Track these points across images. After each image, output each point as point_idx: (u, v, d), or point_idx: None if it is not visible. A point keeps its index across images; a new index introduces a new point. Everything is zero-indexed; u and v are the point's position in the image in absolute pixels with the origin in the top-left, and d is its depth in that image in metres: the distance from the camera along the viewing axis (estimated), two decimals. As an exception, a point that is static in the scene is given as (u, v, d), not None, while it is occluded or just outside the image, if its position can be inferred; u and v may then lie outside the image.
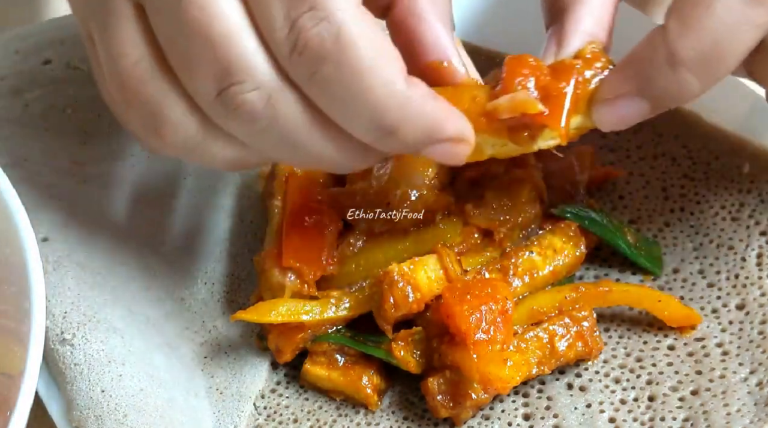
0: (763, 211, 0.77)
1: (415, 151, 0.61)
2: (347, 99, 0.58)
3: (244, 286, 0.78)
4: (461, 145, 0.61)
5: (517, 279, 0.72)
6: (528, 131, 0.64)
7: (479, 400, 0.69)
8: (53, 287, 0.72)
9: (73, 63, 0.85)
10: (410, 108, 0.59)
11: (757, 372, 0.70)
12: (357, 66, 0.58)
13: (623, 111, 0.65)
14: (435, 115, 0.60)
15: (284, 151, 0.61)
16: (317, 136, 0.60)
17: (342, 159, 0.62)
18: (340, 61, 0.58)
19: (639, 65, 0.64)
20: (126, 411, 0.68)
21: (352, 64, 0.57)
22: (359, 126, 0.60)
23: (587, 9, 0.67)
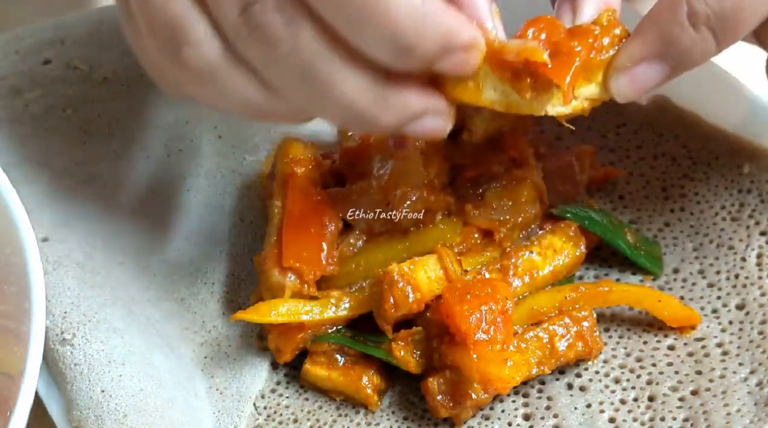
0: (763, 210, 0.77)
1: (430, 64, 0.61)
2: (365, 20, 0.58)
3: (244, 286, 0.78)
4: (473, 51, 0.61)
5: (517, 279, 0.72)
6: (532, 81, 0.63)
7: (479, 400, 0.69)
8: (53, 287, 0.72)
9: (73, 63, 0.85)
10: (427, 23, 0.59)
11: (757, 372, 0.70)
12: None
13: (643, 77, 0.64)
14: (450, 26, 0.60)
15: (304, 87, 0.61)
16: (337, 67, 0.60)
17: (363, 100, 0.61)
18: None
19: (659, 27, 0.63)
20: (126, 411, 0.68)
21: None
22: (378, 47, 0.59)
23: None
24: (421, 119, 0.63)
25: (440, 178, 0.74)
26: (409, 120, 0.63)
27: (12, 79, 0.85)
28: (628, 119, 0.84)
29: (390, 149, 0.74)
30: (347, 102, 0.61)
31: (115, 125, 0.83)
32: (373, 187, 0.73)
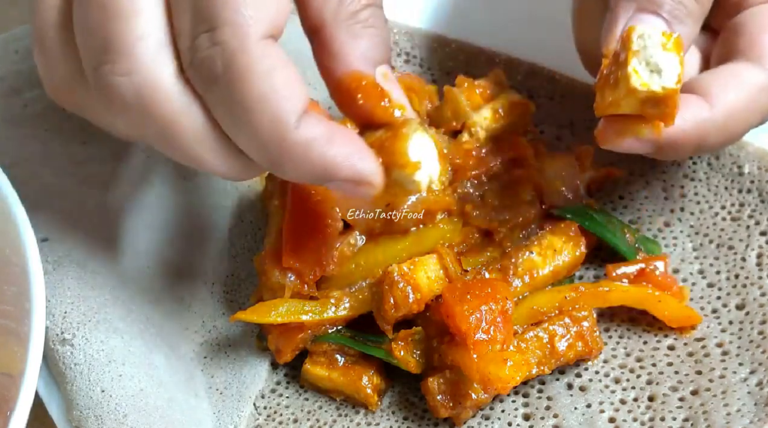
0: (763, 211, 0.77)
1: (313, 183, 0.62)
2: (234, 123, 0.58)
3: (244, 286, 0.78)
4: (362, 186, 0.61)
5: (517, 279, 0.72)
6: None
7: (479, 400, 0.69)
8: (53, 287, 0.72)
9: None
10: (295, 151, 0.58)
11: (757, 372, 0.70)
12: (245, 98, 0.57)
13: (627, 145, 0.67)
14: (322, 160, 0.59)
15: (159, 141, 0.61)
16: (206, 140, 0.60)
17: (224, 168, 0.61)
18: (229, 88, 0.57)
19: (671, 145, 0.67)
20: (126, 411, 0.68)
21: (240, 95, 0.57)
22: (247, 148, 0.60)
23: None
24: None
25: (440, 178, 0.74)
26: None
27: (12, 79, 0.85)
28: (628, 119, 0.84)
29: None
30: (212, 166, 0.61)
31: (115, 125, 0.83)
32: (373, 187, 0.73)
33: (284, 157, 0.58)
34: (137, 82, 0.58)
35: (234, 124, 0.59)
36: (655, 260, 0.75)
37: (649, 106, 0.63)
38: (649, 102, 0.63)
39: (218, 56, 0.57)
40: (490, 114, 0.78)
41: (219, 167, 0.61)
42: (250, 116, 0.57)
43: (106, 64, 0.58)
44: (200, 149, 0.60)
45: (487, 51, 0.88)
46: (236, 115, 0.58)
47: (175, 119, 0.59)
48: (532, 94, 0.86)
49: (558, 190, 0.77)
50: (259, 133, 0.58)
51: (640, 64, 0.63)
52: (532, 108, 0.80)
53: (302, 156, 0.58)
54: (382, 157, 0.61)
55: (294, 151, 0.58)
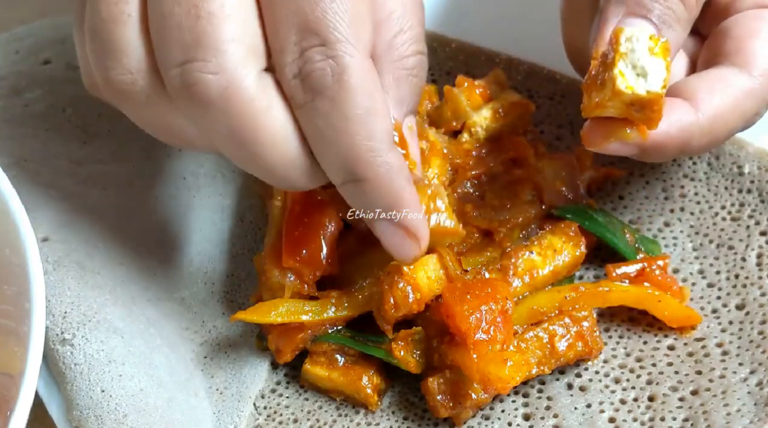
0: (763, 211, 0.77)
1: (369, 216, 0.64)
2: (330, 135, 0.61)
3: (244, 286, 0.78)
4: (411, 241, 0.65)
5: (517, 279, 0.72)
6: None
7: (479, 400, 0.69)
8: (53, 287, 0.72)
9: (73, 63, 0.85)
10: (380, 173, 0.61)
11: (757, 372, 0.70)
12: (349, 110, 0.60)
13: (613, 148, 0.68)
14: (400, 190, 0.62)
15: (232, 144, 0.62)
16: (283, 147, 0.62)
17: (292, 176, 0.63)
18: (335, 100, 0.60)
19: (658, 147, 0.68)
20: (126, 411, 0.68)
21: (345, 107, 0.60)
22: (330, 163, 0.62)
23: None
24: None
25: (440, 178, 0.74)
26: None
27: (12, 79, 0.85)
28: (628, 119, 0.84)
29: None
30: (278, 173, 0.63)
31: (115, 125, 0.83)
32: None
33: (368, 175, 0.61)
34: (225, 80, 0.60)
35: (328, 137, 0.61)
36: (655, 260, 0.75)
37: (635, 109, 0.64)
38: (634, 105, 0.64)
39: (331, 68, 0.60)
40: (490, 114, 0.78)
41: (286, 175, 0.63)
42: (350, 129, 0.60)
43: (195, 61, 0.59)
44: (273, 155, 0.62)
45: (487, 51, 0.88)
46: (336, 126, 0.60)
47: (257, 121, 0.61)
48: (532, 94, 0.86)
49: (558, 190, 0.77)
50: (355, 146, 0.61)
51: (627, 66, 0.63)
52: (532, 108, 0.80)
53: (385, 180, 0.62)
54: None
55: (379, 173, 0.61)
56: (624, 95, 0.63)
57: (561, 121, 0.85)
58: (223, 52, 0.59)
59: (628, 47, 0.63)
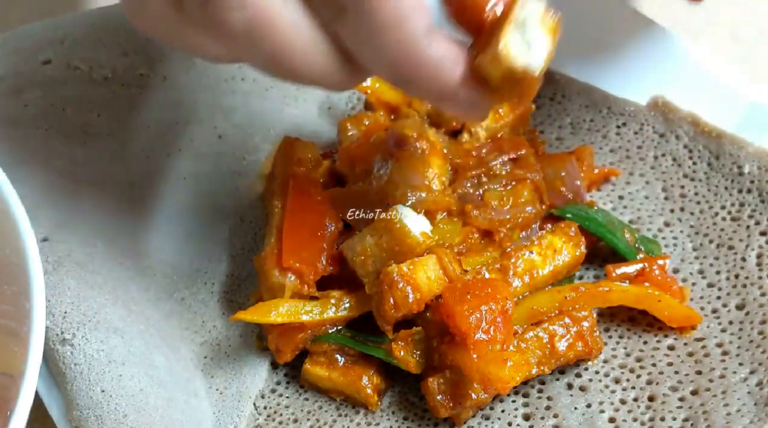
0: (763, 211, 0.77)
1: (431, 102, 0.65)
2: (363, 48, 0.59)
3: (244, 286, 0.78)
4: (473, 110, 0.63)
5: (517, 279, 0.72)
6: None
7: (479, 400, 0.69)
8: (53, 287, 0.72)
9: (73, 63, 0.85)
10: (426, 68, 0.59)
11: (757, 372, 0.70)
12: (377, 20, 0.58)
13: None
14: (451, 79, 0.60)
15: (266, 65, 0.61)
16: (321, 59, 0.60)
17: (334, 81, 0.62)
18: (360, 14, 0.58)
19: None
20: (126, 411, 0.68)
21: (372, 17, 0.58)
22: (375, 70, 0.61)
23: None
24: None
25: (440, 178, 0.74)
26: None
27: (12, 79, 0.85)
28: (628, 119, 0.84)
29: (390, 149, 0.74)
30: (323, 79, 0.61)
31: (115, 125, 0.83)
32: (373, 187, 0.73)
33: (415, 74, 0.60)
34: (250, 14, 0.58)
35: (365, 46, 0.59)
36: (655, 260, 0.75)
37: (507, 82, 0.61)
38: (506, 79, 0.61)
39: None
40: (490, 114, 0.78)
41: (327, 83, 0.61)
42: (383, 37, 0.58)
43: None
44: (310, 70, 0.60)
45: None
46: (369, 37, 0.58)
47: (286, 42, 0.59)
48: (532, 94, 0.86)
49: (558, 190, 0.77)
50: (392, 53, 0.59)
51: (515, 32, 0.61)
52: (532, 108, 0.80)
53: (433, 73, 0.60)
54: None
55: (425, 68, 0.59)
56: (504, 61, 0.60)
57: (561, 121, 0.85)
58: None
59: (522, 14, 0.61)
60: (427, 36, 0.59)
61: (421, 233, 0.70)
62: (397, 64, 0.59)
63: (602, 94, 0.85)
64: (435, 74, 0.60)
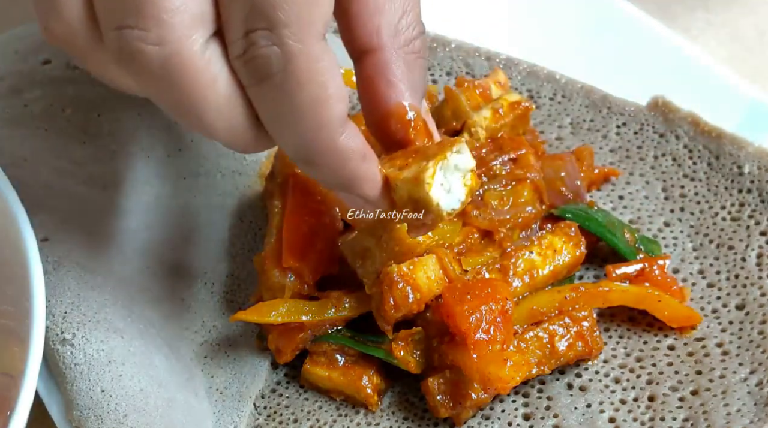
0: (763, 211, 0.77)
1: (329, 188, 0.63)
2: (277, 120, 0.58)
3: (244, 286, 0.78)
4: (369, 206, 0.62)
5: (517, 279, 0.72)
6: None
7: (479, 400, 0.69)
8: (53, 287, 0.72)
9: (73, 63, 0.85)
10: (333, 157, 0.59)
11: (757, 372, 0.70)
12: (295, 100, 0.57)
13: None
14: (354, 173, 0.60)
15: (175, 109, 0.59)
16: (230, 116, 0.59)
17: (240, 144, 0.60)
18: (280, 89, 0.57)
19: None
20: (126, 411, 0.68)
21: (291, 96, 0.57)
22: (282, 143, 0.60)
23: None
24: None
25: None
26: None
27: (12, 79, 0.85)
28: (628, 119, 0.84)
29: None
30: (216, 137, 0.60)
31: (115, 125, 0.83)
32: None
33: (321, 160, 0.59)
34: (167, 52, 0.56)
35: (278, 120, 0.58)
36: (655, 260, 0.75)
37: (412, 206, 0.62)
38: (416, 203, 0.62)
39: (275, 56, 0.56)
40: (490, 114, 0.78)
41: (232, 143, 0.60)
42: (298, 118, 0.57)
43: (134, 28, 0.56)
44: (220, 123, 0.59)
45: (487, 51, 0.88)
46: (283, 113, 0.58)
47: (199, 93, 0.57)
48: (532, 94, 0.87)
49: (558, 190, 0.77)
50: (304, 135, 0.58)
51: (441, 170, 0.61)
52: (532, 108, 0.80)
53: (338, 163, 0.59)
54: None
55: (332, 158, 0.59)
56: (421, 189, 0.61)
57: (561, 121, 0.85)
58: (164, 21, 0.56)
59: (454, 160, 0.62)
60: (342, 125, 0.58)
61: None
62: (306, 146, 0.58)
63: (602, 94, 0.85)
64: (341, 165, 0.59)
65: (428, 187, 0.61)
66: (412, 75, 0.63)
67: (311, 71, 0.57)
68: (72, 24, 0.58)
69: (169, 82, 0.57)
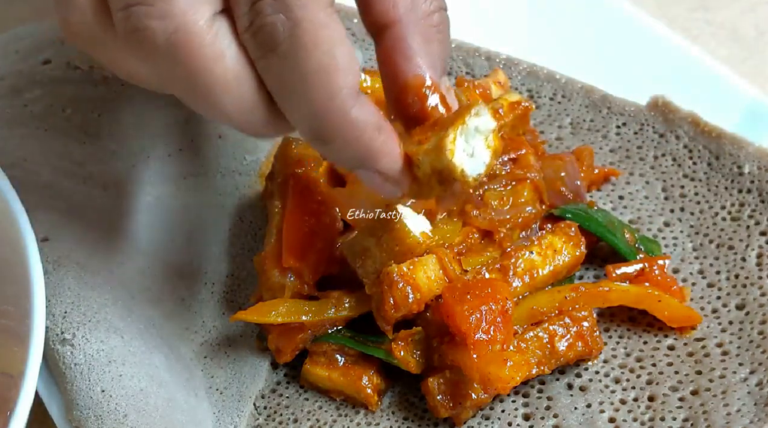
0: (763, 211, 0.77)
1: (346, 167, 0.61)
2: (288, 93, 0.57)
3: (244, 286, 0.78)
4: (389, 185, 0.61)
5: (517, 279, 0.72)
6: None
7: (479, 400, 0.69)
8: (53, 287, 0.72)
9: (73, 63, 0.85)
10: (346, 130, 0.57)
11: (757, 372, 0.70)
12: (303, 68, 0.56)
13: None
14: (369, 146, 0.58)
15: (186, 91, 0.59)
16: (240, 94, 0.58)
17: (253, 124, 0.59)
18: (288, 58, 0.56)
19: None
20: (126, 411, 0.68)
21: (299, 66, 0.56)
22: (294, 119, 0.58)
23: None
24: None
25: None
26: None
27: (12, 79, 0.85)
28: (628, 119, 0.84)
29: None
30: (228, 117, 0.59)
31: (115, 125, 0.83)
32: (373, 187, 0.73)
33: (334, 134, 0.57)
34: (172, 26, 0.56)
35: (288, 93, 0.57)
36: (655, 260, 0.75)
37: (437, 178, 0.61)
38: (440, 175, 0.60)
39: (282, 24, 0.55)
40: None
41: (245, 122, 0.59)
42: (308, 88, 0.56)
43: (140, 5, 0.56)
44: (228, 104, 0.58)
45: (487, 51, 0.88)
46: (293, 84, 0.56)
47: (207, 69, 0.57)
48: (532, 94, 0.87)
49: (558, 190, 0.77)
50: (315, 106, 0.57)
51: (462, 136, 0.60)
52: (532, 108, 0.80)
53: (352, 136, 0.58)
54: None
55: (346, 130, 0.57)
56: (444, 158, 0.59)
57: (561, 121, 0.85)
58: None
59: (474, 123, 0.60)
60: (353, 97, 0.57)
61: (421, 233, 0.69)
62: (318, 118, 0.57)
63: (602, 94, 0.85)
64: (355, 137, 0.58)
65: (450, 153, 0.59)
66: (430, 48, 0.61)
67: (318, 38, 0.56)
68: (85, 12, 0.59)
69: (174, 58, 0.56)
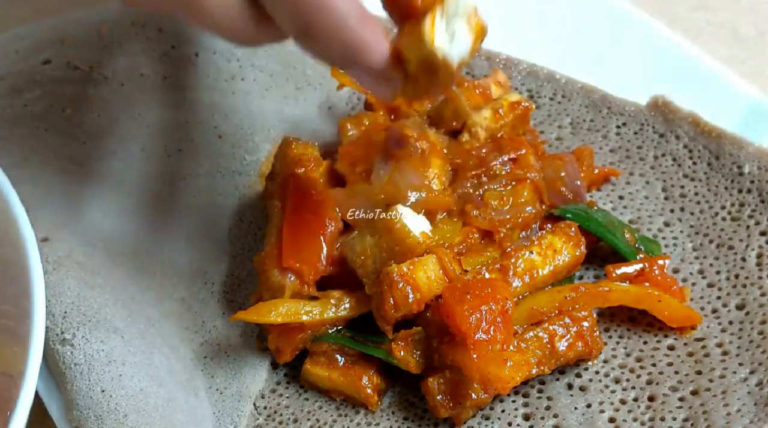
0: (763, 211, 0.77)
1: (338, 66, 0.60)
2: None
3: (244, 286, 0.78)
4: (382, 85, 0.60)
5: (517, 279, 0.72)
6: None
7: (479, 400, 0.69)
8: (53, 287, 0.72)
9: (73, 63, 0.85)
10: (329, 21, 0.56)
11: (757, 372, 0.70)
12: None
13: None
14: (354, 38, 0.57)
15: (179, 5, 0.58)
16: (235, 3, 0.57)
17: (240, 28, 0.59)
18: None
19: None
20: (126, 411, 0.68)
21: None
22: (278, 16, 0.58)
23: None
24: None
25: (440, 178, 0.74)
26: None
27: (12, 79, 0.85)
28: (628, 119, 0.84)
29: (390, 149, 0.74)
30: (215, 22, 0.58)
31: (114, 125, 0.83)
32: (373, 187, 0.73)
33: (317, 25, 0.57)
34: None
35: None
36: (655, 260, 0.75)
37: (425, 69, 0.60)
38: (426, 64, 0.60)
39: None
40: (490, 114, 0.78)
41: (232, 27, 0.58)
42: None
43: None
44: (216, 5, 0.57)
45: (487, 51, 0.88)
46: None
47: None
48: (532, 94, 0.87)
49: (558, 190, 0.77)
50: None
51: (442, 19, 0.59)
52: (532, 108, 0.80)
53: (335, 28, 0.57)
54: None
55: (328, 21, 0.56)
56: (425, 44, 0.58)
57: (561, 121, 0.85)
58: None
59: (453, 5, 0.59)
60: None
61: (421, 233, 0.70)
62: (299, 11, 0.56)
63: (602, 94, 0.86)
64: (338, 26, 0.56)
65: (429, 39, 0.59)
66: None
67: None
68: None
69: None
